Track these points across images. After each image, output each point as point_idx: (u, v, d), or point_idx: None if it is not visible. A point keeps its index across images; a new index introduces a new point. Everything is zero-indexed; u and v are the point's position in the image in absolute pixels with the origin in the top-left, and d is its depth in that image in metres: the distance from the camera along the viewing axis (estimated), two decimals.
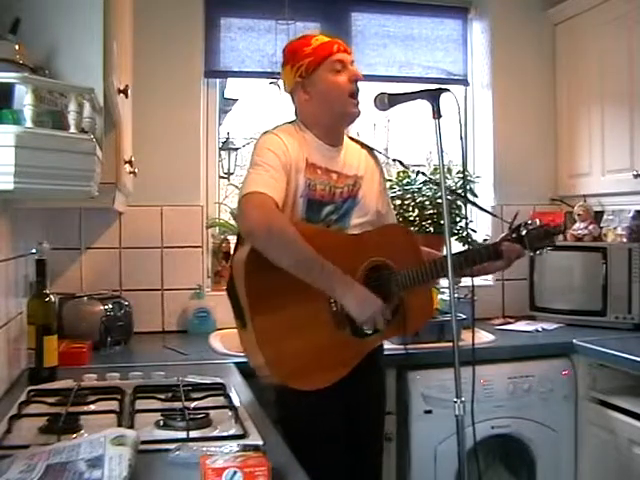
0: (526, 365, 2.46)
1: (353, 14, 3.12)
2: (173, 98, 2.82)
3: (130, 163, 2.16)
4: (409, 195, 2.94)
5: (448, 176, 2.94)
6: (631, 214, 2.86)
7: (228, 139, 3.12)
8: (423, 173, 2.47)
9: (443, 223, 1.71)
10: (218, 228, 2.98)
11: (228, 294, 1.87)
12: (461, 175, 2.94)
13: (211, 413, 1.55)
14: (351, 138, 2.09)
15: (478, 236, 3.01)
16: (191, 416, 1.49)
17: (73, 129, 1.28)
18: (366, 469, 2.03)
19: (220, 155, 3.09)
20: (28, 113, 1.18)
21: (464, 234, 2.87)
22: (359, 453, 1.98)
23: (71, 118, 1.27)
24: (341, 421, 1.91)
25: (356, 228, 1.97)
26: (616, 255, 2.73)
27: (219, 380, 1.87)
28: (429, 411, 2.32)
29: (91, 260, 2.73)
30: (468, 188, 3.01)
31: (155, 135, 2.78)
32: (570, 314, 2.87)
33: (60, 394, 1.71)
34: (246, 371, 2.00)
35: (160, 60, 2.78)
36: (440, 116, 1.69)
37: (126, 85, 1.85)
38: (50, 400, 1.65)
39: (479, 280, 2.93)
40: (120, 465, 1.13)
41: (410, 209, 2.93)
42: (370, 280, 1.89)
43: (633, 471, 2.22)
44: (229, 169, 3.10)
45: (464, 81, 3.30)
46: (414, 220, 2.90)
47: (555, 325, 2.85)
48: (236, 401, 1.68)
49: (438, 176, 1.77)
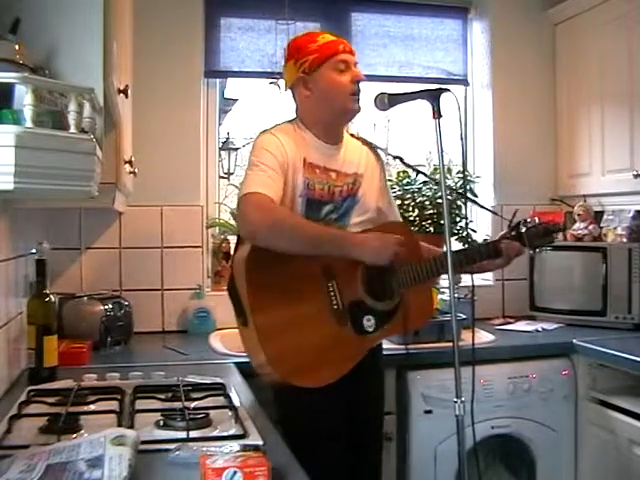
0: (526, 365, 2.46)
1: (353, 14, 3.12)
2: (173, 98, 2.82)
3: (130, 163, 2.16)
4: (409, 195, 2.94)
5: (448, 176, 2.94)
6: (631, 214, 2.86)
7: (228, 139, 3.12)
8: (423, 173, 2.47)
9: (443, 223, 1.71)
10: (218, 228, 2.98)
11: (229, 293, 1.87)
12: (461, 175, 2.94)
13: (211, 413, 1.54)
14: (352, 135, 2.08)
15: (478, 236, 3.01)
16: (191, 416, 1.49)
17: (73, 129, 1.28)
18: (366, 468, 2.03)
19: (220, 155, 3.09)
20: (28, 113, 1.18)
21: (464, 234, 2.87)
22: (359, 452, 1.98)
23: (71, 118, 1.27)
24: (342, 419, 1.91)
25: (356, 226, 1.97)
26: (616, 255, 2.73)
27: (219, 380, 1.87)
28: (429, 411, 2.32)
29: (91, 260, 2.73)
30: (468, 188, 3.01)
31: (155, 135, 2.78)
32: (570, 314, 2.87)
33: (60, 394, 1.71)
34: (246, 371, 2.00)
35: (160, 60, 2.78)
36: (440, 116, 1.69)
37: (126, 85, 1.85)
38: (50, 400, 1.65)
39: (479, 280, 2.94)
40: (120, 465, 1.13)
41: (410, 209, 2.92)
42: (371, 278, 1.89)
43: (633, 471, 2.22)
44: (229, 169, 3.10)
45: (464, 81, 3.30)
46: (414, 220, 2.89)
47: (555, 325, 2.85)
48: (236, 401, 1.68)
49: (438, 176, 1.77)
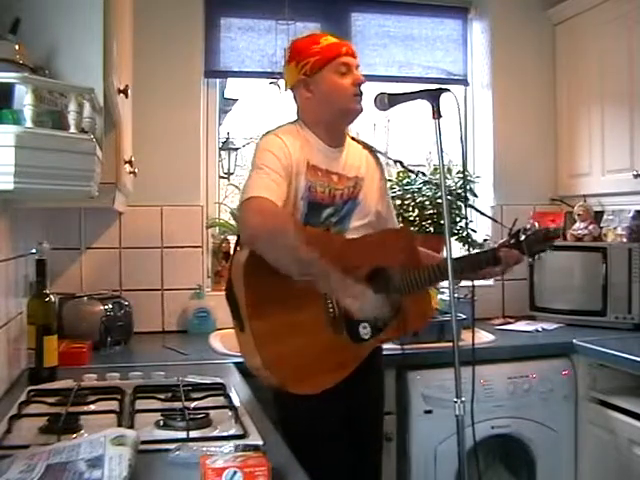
0: (526, 365, 2.46)
1: (353, 14, 3.12)
2: (173, 98, 2.82)
3: (130, 163, 2.16)
4: (409, 195, 2.94)
5: (448, 176, 2.94)
6: (631, 214, 2.86)
7: (228, 139, 3.12)
8: (423, 173, 2.47)
9: (443, 223, 1.71)
10: (218, 228, 2.98)
11: (226, 297, 1.86)
12: (461, 175, 2.94)
13: (211, 413, 1.54)
14: (353, 138, 2.08)
15: (478, 236, 3.01)
16: (191, 416, 1.49)
17: (73, 129, 1.28)
18: (366, 468, 2.03)
19: (220, 155, 3.09)
20: (28, 113, 1.18)
21: (464, 234, 2.87)
22: (359, 452, 1.98)
23: (71, 118, 1.27)
24: (341, 422, 1.91)
25: (356, 230, 1.97)
26: (616, 255, 2.73)
27: (219, 380, 1.87)
28: (429, 411, 2.32)
29: (91, 260, 2.73)
30: (468, 188, 3.01)
31: (155, 135, 2.78)
32: (570, 314, 2.87)
33: (60, 394, 1.71)
34: (246, 371, 1.99)
35: (160, 60, 2.78)
36: (440, 116, 1.69)
37: (126, 85, 1.85)
38: (50, 400, 1.65)
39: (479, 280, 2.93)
40: (120, 465, 1.13)
41: (410, 209, 2.92)
42: (370, 286, 1.88)
43: (633, 471, 2.22)
44: (229, 169, 3.10)
45: (464, 81, 3.30)
46: (414, 220, 2.89)
47: (555, 325, 2.85)
48: (236, 401, 1.68)
49: (438, 176, 1.77)
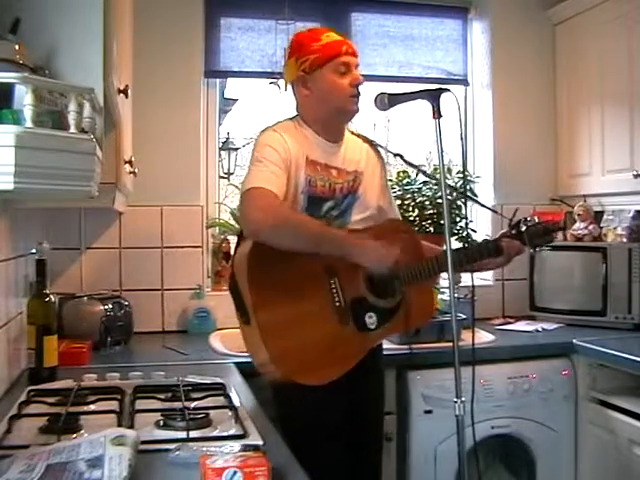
0: (526, 365, 2.46)
1: (353, 14, 3.12)
2: (173, 98, 2.82)
3: (130, 163, 2.16)
4: (409, 195, 2.94)
5: (448, 176, 2.94)
6: (631, 214, 2.86)
7: (228, 139, 3.12)
8: (423, 172, 2.47)
9: (443, 223, 1.71)
10: (218, 228, 2.98)
11: (230, 290, 1.86)
12: (461, 175, 2.93)
13: (211, 413, 1.54)
14: (352, 133, 2.08)
15: (478, 236, 3.01)
16: (191, 416, 1.49)
17: (73, 129, 1.28)
18: (366, 468, 2.03)
19: (220, 155, 3.09)
20: (28, 113, 1.18)
21: (464, 234, 2.87)
22: (359, 452, 1.98)
23: (71, 118, 1.27)
24: (343, 416, 1.91)
25: (357, 224, 1.97)
26: (616, 255, 2.73)
27: (219, 380, 1.87)
28: (429, 411, 2.32)
29: (91, 260, 2.73)
30: (468, 188, 3.01)
31: (155, 135, 2.78)
32: (570, 314, 2.87)
33: (60, 394, 1.71)
34: (246, 371, 2.00)
35: (160, 60, 2.78)
36: (440, 116, 1.69)
37: (126, 85, 1.85)
38: (50, 400, 1.65)
39: (479, 280, 2.93)
40: (120, 465, 1.13)
41: (410, 209, 2.93)
42: (373, 275, 1.89)
43: (633, 471, 2.22)
44: (229, 169, 3.10)
45: (464, 81, 3.30)
46: (414, 220, 2.89)
47: (555, 325, 2.85)
48: (236, 401, 1.68)
49: (438, 176, 1.77)
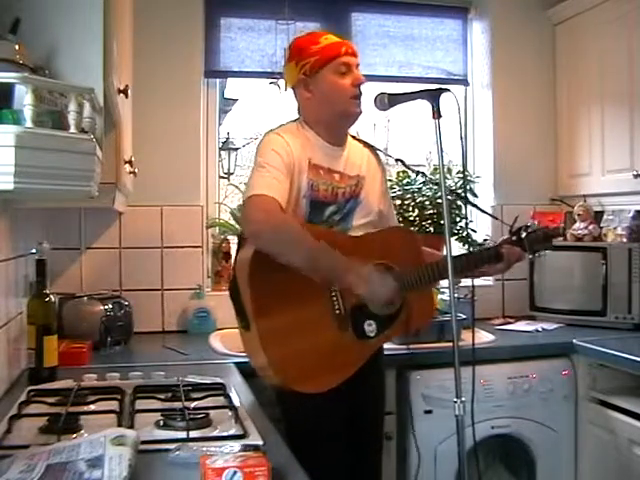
0: (526, 365, 2.46)
1: (353, 14, 3.12)
2: (173, 98, 2.82)
3: (130, 163, 2.16)
4: (409, 195, 2.93)
5: (448, 176, 2.94)
6: (631, 214, 2.86)
7: (228, 139, 3.12)
8: (423, 173, 2.47)
9: (443, 223, 1.71)
10: (218, 228, 2.98)
11: (230, 294, 1.86)
12: (461, 175, 2.93)
13: (211, 413, 1.54)
14: (354, 137, 2.08)
15: (478, 236, 3.01)
16: (191, 416, 1.49)
17: (73, 129, 1.28)
18: (366, 468, 2.03)
19: (220, 155, 3.09)
20: (28, 113, 1.18)
21: (464, 234, 2.87)
22: (359, 452, 1.98)
23: (71, 118, 1.27)
24: (343, 422, 1.91)
25: (359, 228, 1.97)
26: (616, 255, 2.73)
27: (219, 380, 1.87)
28: (429, 411, 2.32)
29: (91, 260, 2.73)
30: (468, 188, 3.01)
31: (155, 135, 2.78)
32: (570, 314, 2.87)
33: (60, 394, 1.71)
34: (246, 371, 2.00)
35: (160, 60, 2.78)
36: (440, 116, 1.69)
37: (126, 85, 1.85)
38: (50, 400, 1.65)
39: (479, 280, 2.92)
40: (120, 465, 1.13)
41: (410, 209, 2.92)
42: None
43: (633, 471, 2.22)
44: (229, 169, 3.10)
45: (464, 81, 3.30)
46: (414, 220, 2.89)
47: (555, 325, 2.84)
48: (236, 401, 1.68)
49: (438, 176, 1.77)
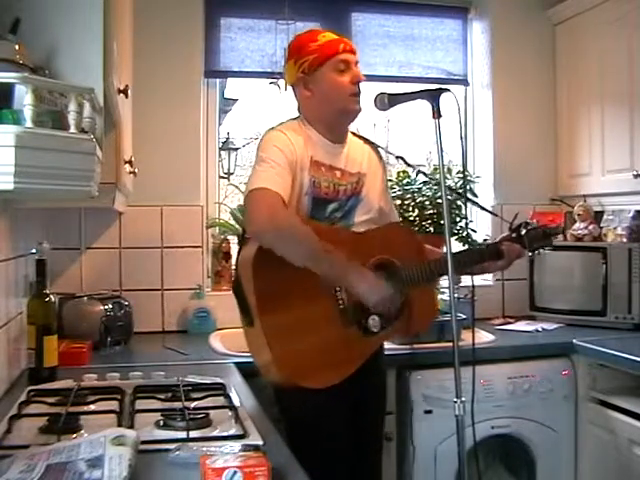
0: (526, 365, 2.46)
1: (353, 14, 3.12)
2: (173, 98, 2.82)
3: (130, 163, 2.16)
4: (409, 195, 2.93)
5: (448, 176, 2.94)
6: (631, 214, 2.86)
7: (228, 139, 3.12)
8: (423, 173, 2.48)
9: (443, 223, 1.71)
10: (218, 228, 2.98)
11: (234, 291, 1.86)
12: (461, 175, 2.93)
13: (211, 413, 1.54)
14: (354, 134, 2.09)
15: (478, 236, 3.01)
16: (191, 416, 1.49)
17: (73, 129, 1.28)
18: (366, 468, 2.03)
19: (220, 155, 3.09)
20: (28, 113, 1.18)
21: (464, 234, 2.87)
22: (359, 452, 1.98)
23: (71, 118, 1.27)
24: (343, 421, 1.91)
25: (360, 225, 1.98)
26: (616, 255, 2.73)
27: (219, 380, 1.87)
28: (429, 411, 2.32)
29: (91, 260, 2.73)
30: (468, 188, 3.01)
31: (155, 135, 2.78)
32: (570, 314, 2.87)
33: (60, 394, 1.71)
34: (246, 371, 2.00)
35: (160, 60, 2.78)
36: (440, 116, 1.69)
37: (126, 85, 1.85)
38: (50, 400, 1.65)
39: (479, 280, 2.94)
40: (120, 465, 1.13)
41: (410, 209, 2.92)
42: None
43: (633, 471, 2.22)
44: (229, 169, 3.10)
45: (464, 81, 3.30)
46: (414, 220, 2.89)
47: (555, 325, 2.84)
48: (236, 401, 1.68)
49: (438, 176, 1.78)
